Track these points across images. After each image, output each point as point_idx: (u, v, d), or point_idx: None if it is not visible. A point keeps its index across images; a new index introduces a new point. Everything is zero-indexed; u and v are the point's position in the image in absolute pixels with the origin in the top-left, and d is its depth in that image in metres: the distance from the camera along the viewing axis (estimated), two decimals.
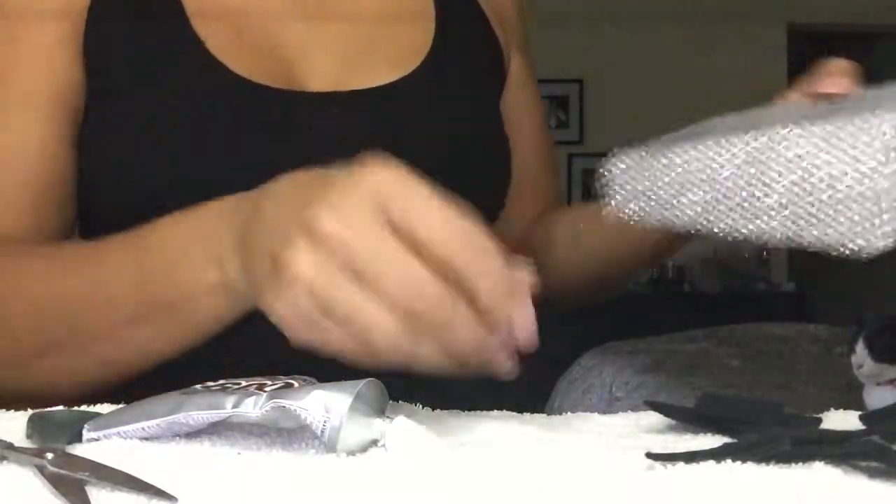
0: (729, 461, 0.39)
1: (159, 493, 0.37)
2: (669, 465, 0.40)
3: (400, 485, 0.40)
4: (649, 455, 0.40)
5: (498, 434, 0.50)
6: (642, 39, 4.76)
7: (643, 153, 0.57)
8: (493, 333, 0.44)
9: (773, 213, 0.45)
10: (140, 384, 0.60)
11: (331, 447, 0.44)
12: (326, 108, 0.72)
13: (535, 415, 0.60)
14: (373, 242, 0.43)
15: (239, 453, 0.45)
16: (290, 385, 0.47)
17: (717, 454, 0.39)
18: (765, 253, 4.76)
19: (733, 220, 0.48)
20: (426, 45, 0.77)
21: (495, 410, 0.59)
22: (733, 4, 4.83)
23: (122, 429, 0.47)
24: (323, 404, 0.44)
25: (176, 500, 0.37)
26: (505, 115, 0.83)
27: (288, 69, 0.73)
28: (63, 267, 0.62)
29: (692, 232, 0.54)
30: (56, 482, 0.39)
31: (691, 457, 0.39)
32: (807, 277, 4.64)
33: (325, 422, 0.43)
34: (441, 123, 0.75)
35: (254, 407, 0.44)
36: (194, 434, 0.48)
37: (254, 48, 0.73)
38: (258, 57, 0.72)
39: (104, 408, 0.55)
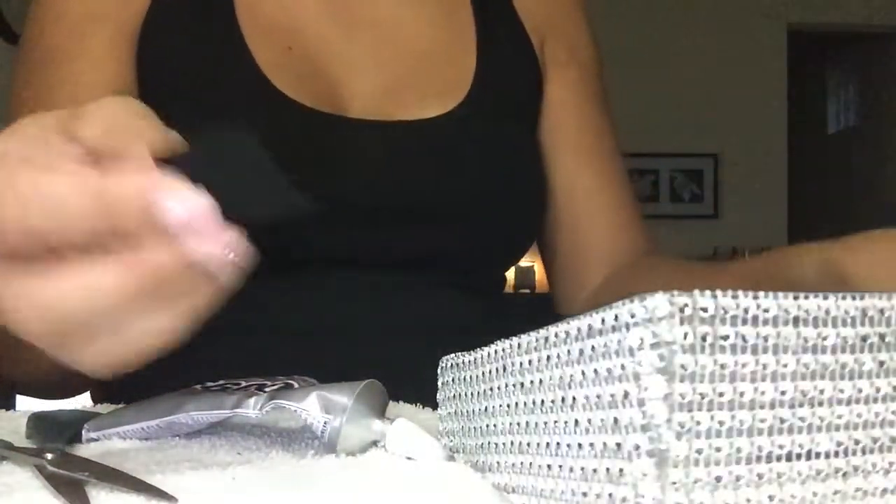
0: None
1: (159, 493, 0.37)
2: None
3: (400, 485, 0.40)
4: None
5: None
6: (638, 42, 4.76)
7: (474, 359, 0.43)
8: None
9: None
10: (140, 384, 0.60)
11: (331, 448, 0.44)
12: (368, 135, 0.72)
13: None
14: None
15: (239, 453, 0.45)
16: (290, 385, 0.47)
17: None
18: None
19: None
20: (467, 80, 0.78)
21: None
22: (733, 4, 4.84)
23: (121, 429, 0.47)
24: (323, 405, 0.44)
25: (176, 500, 0.37)
26: (551, 151, 0.83)
27: (331, 91, 0.74)
28: None
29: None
30: (56, 482, 0.39)
31: None
32: None
33: (325, 422, 0.43)
34: (478, 161, 0.75)
35: (254, 407, 0.44)
36: (194, 434, 0.48)
37: (300, 68, 0.74)
38: (304, 78, 0.73)
39: (104, 408, 0.55)
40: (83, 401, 0.75)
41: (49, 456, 0.41)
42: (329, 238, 0.69)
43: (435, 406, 0.50)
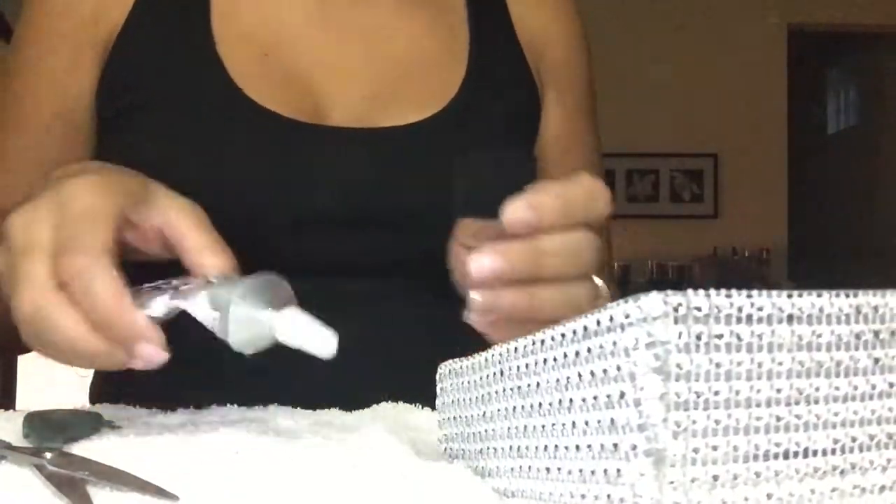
0: None
1: (159, 491, 0.37)
2: None
3: (400, 490, 0.40)
4: None
5: None
6: (638, 42, 4.76)
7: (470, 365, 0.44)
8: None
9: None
10: (135, 386, 0.61)
11: (226, 339, 0.45)
12: (347, 143, 0.71)
13: None
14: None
15: (237, 452, 0.45)
16: (210, 283, 0.48)
17: None
18: (764, 253, 4.76)
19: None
20: (456, 85, 0.76)
21: None
22: (733, 4, 4.84)
23: None
24: (210, 302, 0.46)
25: (177, 498, 0.37)
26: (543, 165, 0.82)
27: (312, 100, 0.73)
28: None
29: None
30: (56, 482, 0.39)
31: None
32: (807, 277, 4.64)
33: (213, 318, 0.45)
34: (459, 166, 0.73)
35: (157, 309, 0.47)
36: (194, 434, 0.48)
37: (278, 77, 0.73)
38: (282, 86, 0.72)
39: (104, 408, 0.55)
40: (80, 401, 0.75)
41: (48, 455, 0.41)
42: (307, 246, 0.69)
43: (433, 406, 0.50)
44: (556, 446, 0.35)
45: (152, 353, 0.45)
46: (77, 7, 0.74)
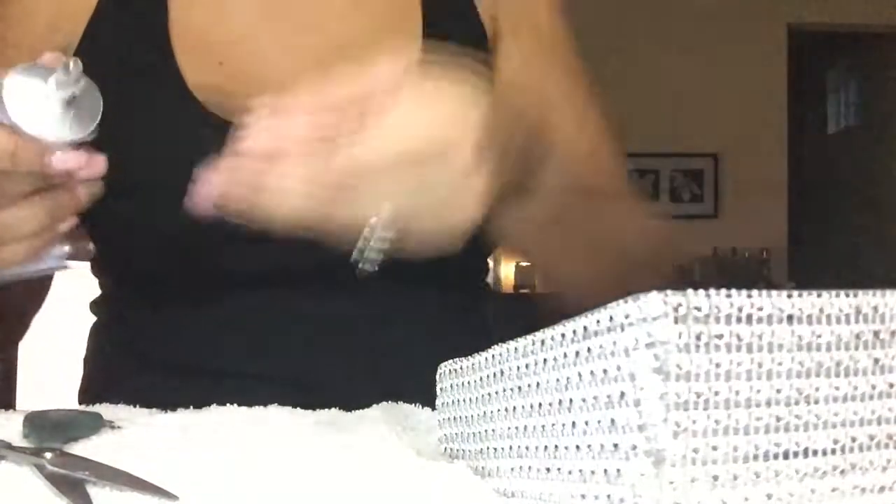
0: None
1: (159, 491, 0.37)
2: None
3: (401, 490, 0.40)
4: None
5: None
6: (638, 42, 4.77)
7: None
8: None
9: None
10: (123, 385, 0.61)
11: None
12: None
13: None
14: None
15: (237, 452, 0.45)
16: None
17: None
18: (764, 253, 4.76)
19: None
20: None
21: None
22: (733, 4, 4.84)
23: None
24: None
25: (177, 498, 0.37)
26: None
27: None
28: None
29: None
30: (56, 481, 0.39)
31: None
32: (807, 277, 4.64)
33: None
34: None
35: None
36: (194, 434, 0.48)
37: (233, 83, 0.70)
38: (237, 93, 0.68)
39: (104, 408, 0.55)
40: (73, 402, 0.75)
41: (48, 455, 0.41)
42: (267, 254, 0.67)
43: (433, 406, 0.50)
44: (556, 446, 0.35)
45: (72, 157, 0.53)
46: (33, 18, 0.72)
